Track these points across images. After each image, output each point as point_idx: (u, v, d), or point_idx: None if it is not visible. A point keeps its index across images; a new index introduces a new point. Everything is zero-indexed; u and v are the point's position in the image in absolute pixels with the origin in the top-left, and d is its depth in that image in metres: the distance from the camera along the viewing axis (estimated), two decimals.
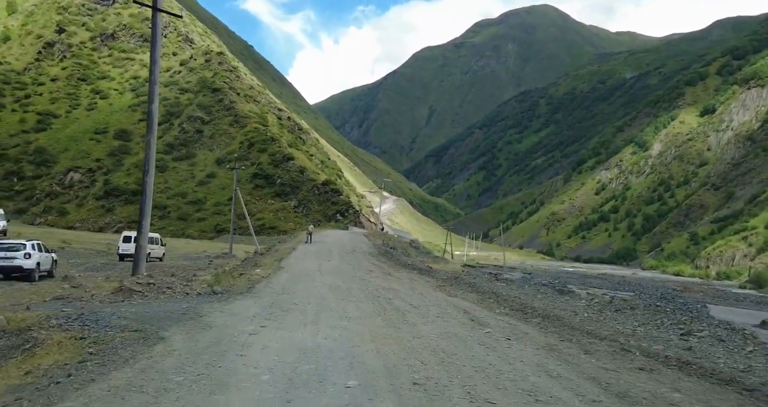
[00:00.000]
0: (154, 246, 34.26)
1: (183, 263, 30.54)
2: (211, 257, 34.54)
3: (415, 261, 31.78)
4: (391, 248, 34.01)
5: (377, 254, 31.26)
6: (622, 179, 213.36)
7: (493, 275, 38.83)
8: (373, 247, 34.60)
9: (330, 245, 35.80)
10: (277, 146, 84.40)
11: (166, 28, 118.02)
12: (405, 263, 28.77)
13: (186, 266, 26.65)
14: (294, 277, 19.38)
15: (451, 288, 19.49)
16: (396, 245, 37.21)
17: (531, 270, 65.88)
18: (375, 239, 41.78)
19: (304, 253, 30.11)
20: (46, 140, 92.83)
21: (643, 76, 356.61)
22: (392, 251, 32.94)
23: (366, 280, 19.48)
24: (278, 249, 32.45)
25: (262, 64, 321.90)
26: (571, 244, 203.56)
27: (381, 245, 35.40)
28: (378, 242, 37.53)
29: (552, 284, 30.27)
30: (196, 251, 40.42)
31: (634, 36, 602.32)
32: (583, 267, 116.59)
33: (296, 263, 24.36)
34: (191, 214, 77.15)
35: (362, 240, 39.53)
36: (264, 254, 29.43)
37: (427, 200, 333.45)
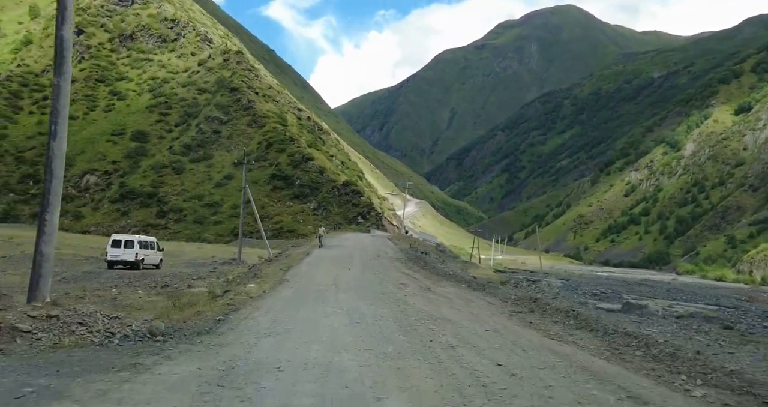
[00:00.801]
0: (149, 252, 31.03)
1: (182, 272, 27.22)
2: (218, 264, 31.25)
3: (455, 269, 27.48)
4: (422, 253, 30.14)
5: (406, 261, 26.82)
6: (652, 180, 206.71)
7: (531, 281, 35.03)
8: (399, 252, 30.43)
9: (350, 250, 32.03)
10: (296, 146, 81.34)
11: (185, 28, 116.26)
12: (444, 272, 24.07)
13: (184, 275, 23.37)
14: (298, 296, 14.47)
15: (538, 319, 12.79)
16: (428, 250, 33.17)
17: (565, 275, 61.69)
18: (401, 243, 37.97)
19: (319, 259, 26.11)
20: None
21: (671, 76, 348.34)
22: (424, 256, 28.85)
23: (401, 301, 14.37)
24: (289, 254, 28.56)
25: (283, 68, 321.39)
26: (600, 247, 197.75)
27: (409, 250, 31.37)
28: (404, 246, 33.65)
29: (604, 294, 26.33)
30: (203, 257, 37.21)
31: (660, 35, 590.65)
32: (616, 272, 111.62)
33: (306, 274, 20.15)
34: (207, 217, 74.41)
35: (386, 244, 35.56)
36: (272, 260, 25.87)
37: (448, 203, 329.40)
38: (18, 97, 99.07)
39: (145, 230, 76.45)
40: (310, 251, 30.56)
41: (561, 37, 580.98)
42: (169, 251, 36.60)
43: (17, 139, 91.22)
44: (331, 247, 34.01)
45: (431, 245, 56.06)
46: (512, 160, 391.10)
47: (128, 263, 29.39)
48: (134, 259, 29.20)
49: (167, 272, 26.86)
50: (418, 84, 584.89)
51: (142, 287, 17.94)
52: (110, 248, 29.56)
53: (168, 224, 75.08)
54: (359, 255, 28.72)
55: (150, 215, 76.66)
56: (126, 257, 29.21)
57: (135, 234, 36.39)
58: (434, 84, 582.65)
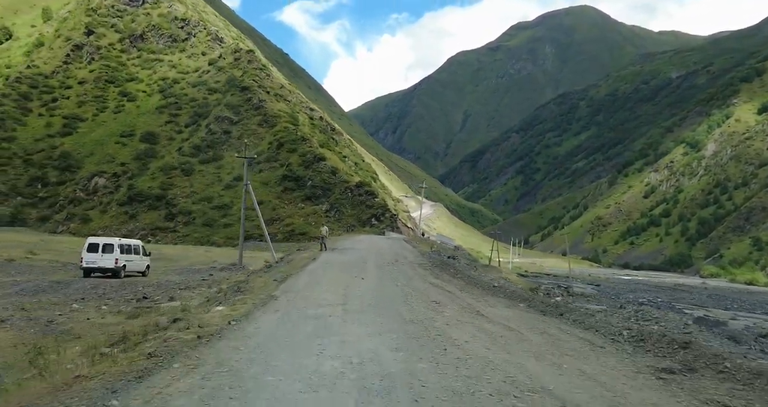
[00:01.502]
0: (132, 257, 27.60)
1: (171, 280, 24.42)
2: (216, 269, 28.63)
3: (498, 279, 23.74)
4: (449, 258, 27.16)
5: (431, 267, 22.96)
6: (673, 181, 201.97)
7: (563, 288, 32.10)
8: (420, 256, 27.19)
9: (364, 253, 28.74)
10: (308, 145, 78.88)
11: (196, 28, 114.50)
12: (484, 283, 19.49)
13: (171, 285, 20.76)
14: (280, 331, 9.53)
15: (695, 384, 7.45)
16: (455, 254, 29.91)
17: (591, 280, 58.49)
18: (420, 246, 35.11)
19: (326, 265, 22.49)
20: (72, 145, 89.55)
21: (690, 76, 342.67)
22: (452, 262, 25.65)
23: (443, 337, 9.53)
24: (292, 260, 24.82)
25: (297, 71, 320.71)
26: (619, 250, 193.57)
27: (431, 253, 28.35)
28: (425, 249, 30.72)
29: (654, 303, 23.36)
30: (205, 262, 34.65)
31: (678, 35, 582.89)
32: (640, 275, 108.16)
33: (306, 287, 15.92)
34: (217, 220, 72.16)
35: (404, 247, 32.55)
36: (272, 266, 22.95)
37: (463, 205, 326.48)
38: (27, 99, 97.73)
39: (153, 233, 74.48)
40: (317, 255, 27.47)
41: (576, 38, 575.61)
42: (171, 256, 34.18)
43: (26, 141, 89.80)
44: (343, 250, 30.85)
45: (449, 247, 53.25)
46: (527, 162, 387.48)
47: (107, 270, 26.13)
48: (114, 266, 25.87)
49: (153, 281, 24.10)
50: (431, 86, 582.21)
51: (114, 300, 15.42)
52: (86, 254, 25.86)
53: (177, 227, 72.94)
54: (374, 260, 25.34)
55: (158, 218, 74.56)
56: (104, 264, 25.89)
57: (129, 237, 33.64)
58: (448, 86, 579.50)
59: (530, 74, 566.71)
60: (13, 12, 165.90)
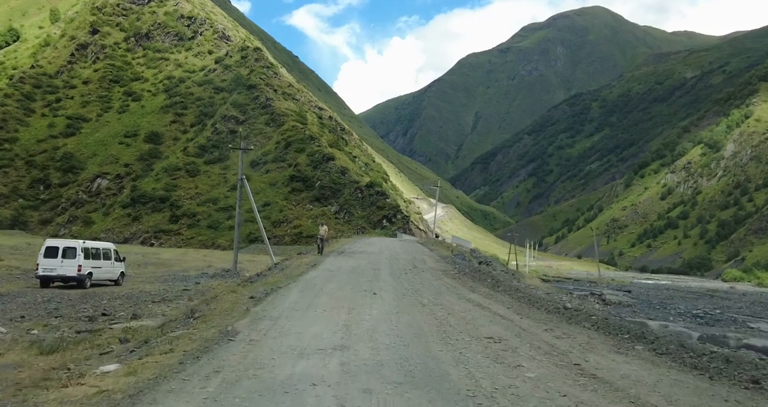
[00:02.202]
0: (102, 264, 23.46)
1: (148, 290, 21.14)
2: (208, 276, 25.55)
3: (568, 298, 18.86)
4: (481, 264, 23.51)
5: (460, 276, 18.93)
6: (691, 182, 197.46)
7: (596, 296, 28.81)
8: (441, 260, 23.49)
9: (376, 257, 24.93)
10: (317, 145, 75.96)
11: (202, 26, 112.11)
12: (545, 302, 14.07)
13: (145, 296, 17.58)
14: None
15: None
16: (489, 259, 25.52)
17: (617, 284, 55.03)
18: (437, 249, 31.76)
19: (329, 273, 18.40)
20: (75, 145, 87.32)
21: (705, 76, 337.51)
22: (485, 268, 21.70)
23: None
24: (287, 266, 20.33)
25: (307, 74, 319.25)
26: (636, 253, 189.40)
27: (454, 258, 24.81)
28: (444, 253, 27.23)
29: (710, 315, 20.05)
30: (199, 267, 31.64)
31: (692, 35, 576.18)
32: (661, 279, 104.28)
33: (293, 307, 11.58)
34: (222, 222, 69.38)
35: (420, 250, 29.04)
36: (262, 274, 19.33)
37: (474, 207, 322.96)
38: (30, 99, 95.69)
39: (156, 236, 71.89)
40: (318, 260, 23.31)
41: (588, 39, 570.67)
42: (166, 260, 31.26)
43: (28, 142, 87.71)
44: (352, 254, 26.90)
45: (466, 250, 50.07)
46: (539, 163, 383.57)
47: (69, 279, 22.16)
48: (77, 274, 21.91)
49: (126, 292, 20.74)
50: (442, 88, 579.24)
51: (65, 318, 12.39)
52: (42, 260, 21.81)
53: (181, 229, 70.31)
54: (388, 266, 21.41)
55: (162, 220, 71.97)
56: (65, 272, 21.86)
57: (103, 239, 30.33)
58: (458, 88, 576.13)
59: (542, 75, 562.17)
60: (21, 14, 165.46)
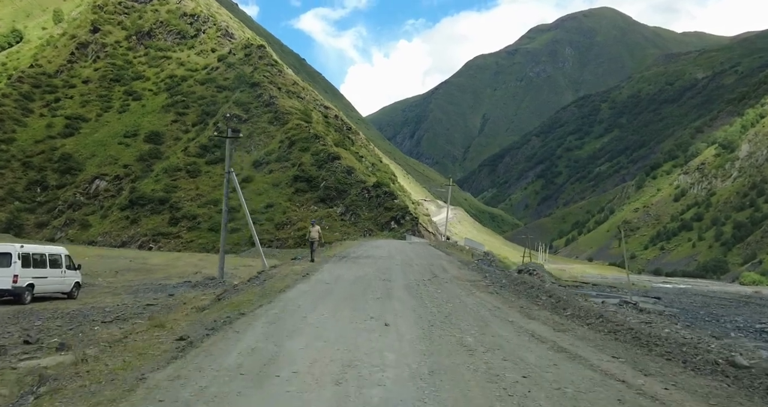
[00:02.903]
0: (47, 273, 19.41)
1: (107, 304, 17.72)
2: (189, 285, 22.44)
3: None
4: (528, 273, 19.67)
5: (498, 289, 15.20)
6: (704, 183, 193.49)
7: (632, 304, 25.60)
8: (464, 266, 20.00)
9: (385, 263, 21.54)
10: (322, 143, 72.98)
11: (205, 24, 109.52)
12: (674, 345, 8.72)
13: (96, 314, 14.39)
14: None
15: None
16: (535, 267, 21.08)
17: (637, 289, 51.66)
18: (455, 252, 28.40)
19: (323, 287, 14.57)
20: (73, 146, 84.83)
21: (717, 76, 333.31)
22: (536, 281, 17.52)
23: None
24: (274, 276, 16.30)
25: (314, 76, 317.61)
26: (649, 255, 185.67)
27: (479, 264, 21.28)
28: (465, 258, 23.84)
29: None
30: (186, 273, 28.59)
31: (702, 36, 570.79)
32: (678, 282, 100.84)
33: (240, 367, 6.95)
34: None
35: (434, 254, 25.30)
36: (238, 287, 14.90)
37: (482, 210, 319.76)
38: (29, 99, 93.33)
39: (155, 239, 69.01)
40: (315, 268, 19.43)
41: (596, 40, 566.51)
42: (153, 266, 28.31)
43: (25, 143, 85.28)
44: (356, 259, 23.51)
45: (479, 253, 46.96)
46: (548, 165, 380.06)
47: (1, 292, 18.14)
48: (11, 286, 17.90)
49: (77, 307, 17.16)
50: (449, 91, 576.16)
51: None
52: None
53: (180, 232, 67.43)
54: (402, 276, 17.69)
55: (161, 222, 69.17)
56: None
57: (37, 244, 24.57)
58: (465, 90, 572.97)
59: (550, 77, 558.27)
60: (25, 15, 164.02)
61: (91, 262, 27.91)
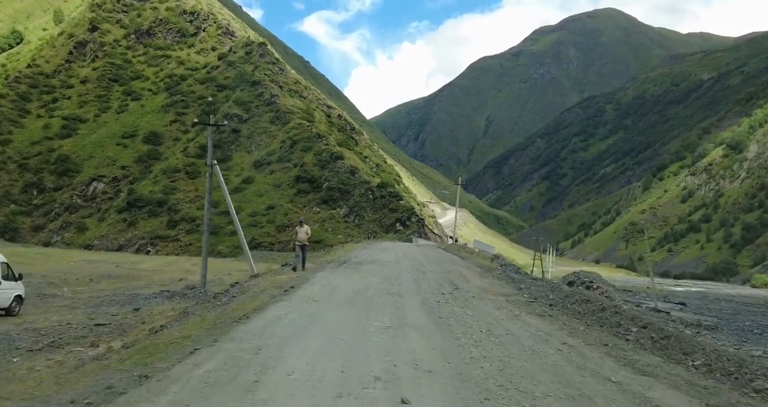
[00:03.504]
0: None
1: (51, 322, 14.68)
2: (166, 295, 20.00)
3: None
4: (573, 285, 15.87)
5: (548, 309, 11.90)
6: (712, 184, 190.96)
7: (664, 313, 23.39)
8: (487, 274, 17.02)
9: (393, 270, 18.55)
10: (324, 143, 70.80)
11: (205, 22, 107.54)
12: None
13: (25, 339, 11.85)
14: None
15: None
16: (591, 277, 17.08)
17: (656, 293, 49.25)
18: (469, 256, 26.06)
19: (309, 309, 11.01)
20: (71, 147, 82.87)
21: (723, 77, 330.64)
22: (587, 291, 14.19)
23: None
24: (248, 290, 13.17)
25: (318, 78, 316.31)
26: (656, 257, 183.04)
27: (505, 270, 18.20)
28: (480, 262, 21.23)
29: None
30: (170, 280, 26.31)
31: (707, 37, 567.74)
32: (690, 285, 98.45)
33: None
34: (223, 227, 64.27)
35: (447, 258, 22.48)
36: (188, 312, 11.54)
37: (487, 212, 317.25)
38: (26, 100, 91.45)
39: (153, 242, 66.93)
40: (303, 278, 16.10)
41: (600, 41, 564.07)
42: (139, 272, 26.09)
43: (22, 144, 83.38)
44: (358, 266, 20.39)
45: (489, 256, 44.75)
46: (552, 167, 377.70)
47: None
48: None
49: (6, 327, 14.03)
50: (453, 93, 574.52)
51: None
52: None
53: (179, 235, 65.32)
54: (415, 288, 14.39)
55: (159, 225, 67.08)
56: None
57: None
58: (470, 92, 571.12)
59: (554, 79, 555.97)
60: (26, 16, 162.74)
61: (74, 268, 25.81)
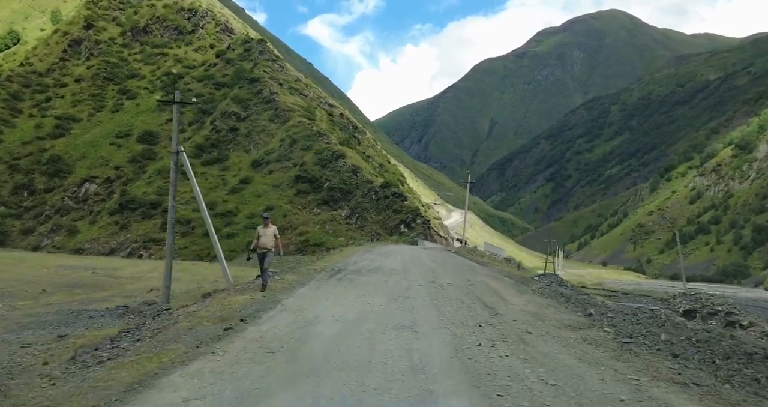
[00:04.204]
0: None
1: None
2: (121, 312, 16.79)
3: None
4: (690, 314, 11.13)
5: (676, 366, 6.76)
6: (721, 185, 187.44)
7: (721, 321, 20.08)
8: (524, 288, 12.81)
9: (400, 283, 14.56)
10: (325, 142, 67.77)
11: (203, 19, 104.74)
12: None
13: None
14: None
15: None
16: (720, 302, 12.37)
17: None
18: (487, 260, 22.72)
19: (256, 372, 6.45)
20: (63, 147, 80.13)
21: (729, 77, 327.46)
22: (741, 332, 10.03)
23: None
24: (164, 328, 8.75)
25: (322, 81, 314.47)
26: (665, 259, 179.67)
27: (548, 283, 13.41)
28: (503, 268, 17.53)
29: None
30: (139, 290, 23.13)
31: (712, 37, 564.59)
32: (702, 287, 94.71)
33: None
34: (220, 229, 61.24)
35: (463, 264, 18.70)
36: None
37: (491, 214, 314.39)
38: (18, 99, 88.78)
39: (146, 246, 64.11)
40: (278, 298, 11.94)
41: (605, 43, 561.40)
42: (120, 278, 23.07)
43: (12, 144, 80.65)
44: (356, 276, 16.32)
45: (500, 259, 41.70)
46: (557, 169, 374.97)
47: None
48: None
49: None
50: (456, 94, 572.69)
51: None
52: None
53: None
54: (435, 313, 10.39)
55: (153, 228, 64.19)
56: None
57: None
58: (473, 94, 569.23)
59: (558, 80, 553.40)
60: (24, 17, 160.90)
61: (43, 275, 22.89)
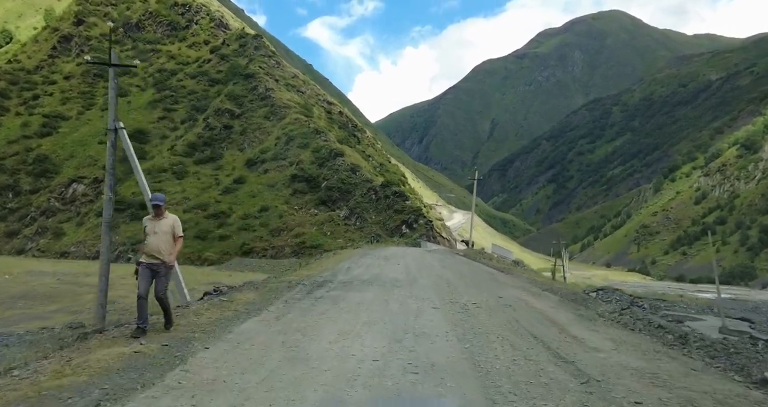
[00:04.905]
0: None
1: None
2: (31, 340, 13.17)
3: None
4: None
5: None
6: (727, 185, 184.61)
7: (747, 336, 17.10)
8: (582, 308, 8.93)
9: (405, 304, 10.64)
10: (323, 139, 64.74)
11: (197, 14, 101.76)
12: None
13: None
14: None
15: None
16: None
17: (684, 301, 42.90)
18: (508, 267, 19.56)
19: None
20: (50, 146, 77.12)
21: (731, 77, 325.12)
22: None
23: None
24: None
25: (322, 82, 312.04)
26: (670, 261, 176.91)
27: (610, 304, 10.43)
28: (533, 278, 13.96)
29: None
30: (89, 303, 19.53)
31: (713, 38, 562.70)
32: (711, 289, 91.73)
33: None
34: (212, 231, 58.43)
35: (480, 271, 15.63)
36: None
37: (493, 215, 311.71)
38: (5, 97, 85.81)
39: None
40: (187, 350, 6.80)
41: (606, 43, 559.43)
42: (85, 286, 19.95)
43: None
44: (344, 293, 12.38)
45: (508, 261, 38.68)
46: (559, 170, 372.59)
47: None
48: None
49: None
50: (457, 96, 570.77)
51: None
52: None
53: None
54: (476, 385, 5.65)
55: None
56: None
57: None
58: (474, 95, 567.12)
59: (559, 81, 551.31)
60: (17, 16, 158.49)
61: (3, 283, 19.93)
